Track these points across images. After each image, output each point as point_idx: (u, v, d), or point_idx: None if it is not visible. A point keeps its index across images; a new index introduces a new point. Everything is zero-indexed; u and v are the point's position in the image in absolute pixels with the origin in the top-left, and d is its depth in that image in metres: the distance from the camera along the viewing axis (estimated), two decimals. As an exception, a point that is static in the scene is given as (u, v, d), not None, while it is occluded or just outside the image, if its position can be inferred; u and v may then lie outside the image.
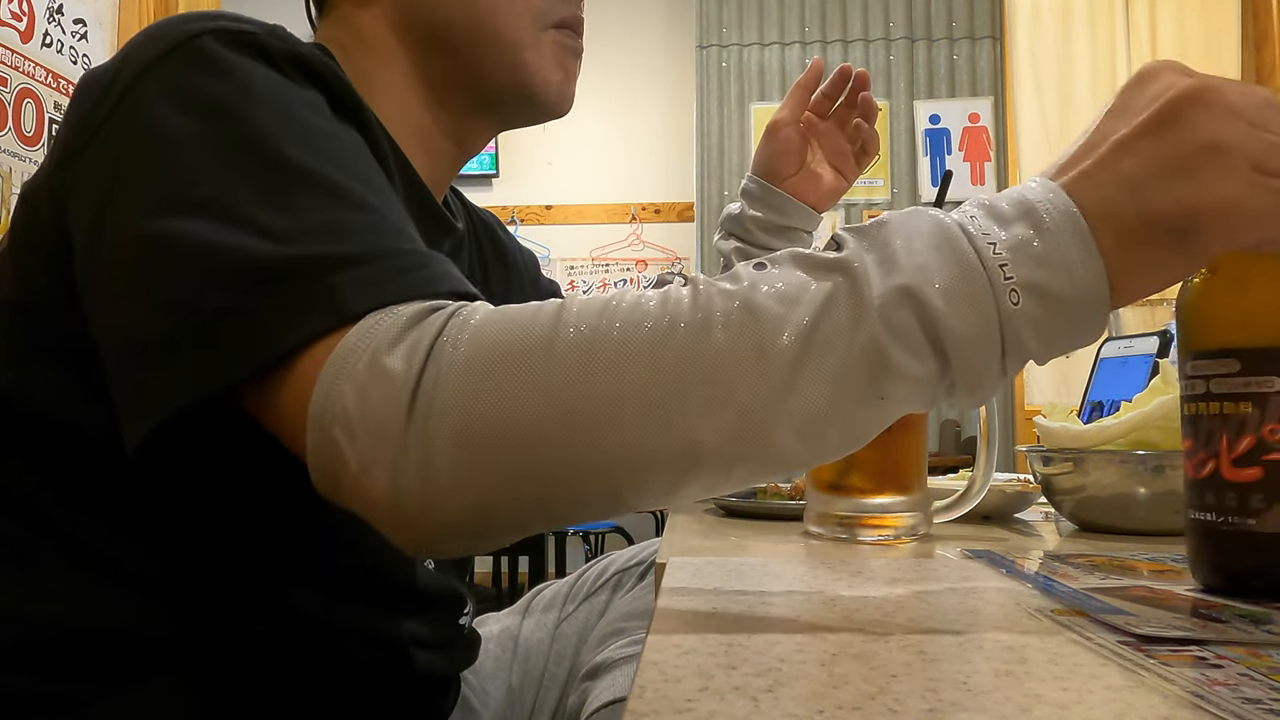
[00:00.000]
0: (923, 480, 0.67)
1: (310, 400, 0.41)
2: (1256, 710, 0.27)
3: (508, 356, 0.40)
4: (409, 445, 0.39)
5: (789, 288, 0.40)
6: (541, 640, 0.96)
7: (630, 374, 0.38)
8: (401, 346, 0.41)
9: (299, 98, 0.51)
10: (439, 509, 0.40)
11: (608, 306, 0.41)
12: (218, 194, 0.46)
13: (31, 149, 1.74)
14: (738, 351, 0.38)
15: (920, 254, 0.39)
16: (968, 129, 4.19)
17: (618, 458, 0.39)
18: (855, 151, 1.00)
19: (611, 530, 4.10)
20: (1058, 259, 0.39)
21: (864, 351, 0.38)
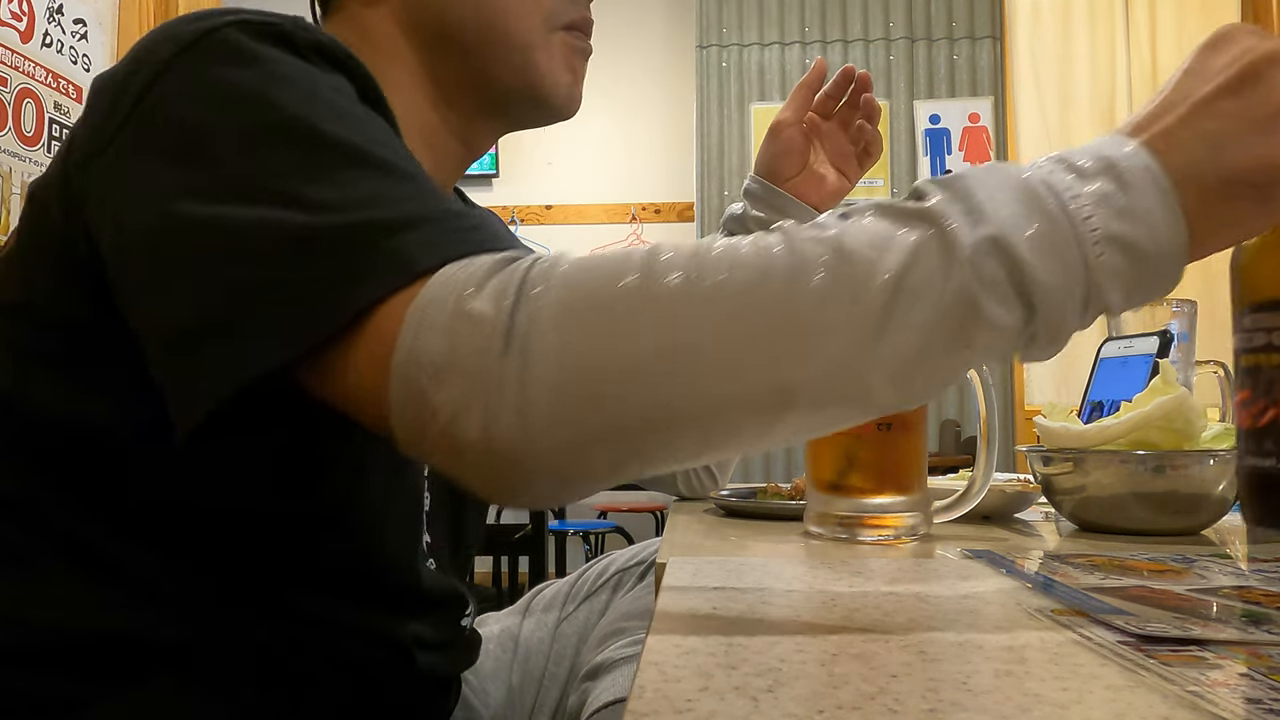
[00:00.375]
0: (923, 480, 0.67)
1: (393, 354, 0.41)
2: (1256, 710, 0.27)
3: (602, 300, 0.39)
4: (504, 388, 0.39)
5: (879, 236, 0.40)
6: (542, 640, 0.96)
7: (725, 318, 0.39)
8: (487, 291, 0.40)
9: (326, 82, 0.51)
10: (534, 453, 0.39)
11: (700, 252, 0.40)
12: (259, 176, 0.46)
13: (31, 149, 1.74)
14: (832, 297, 0.39)
15: (1005, 205, 0.40)
16: (968, 129, 4.20)
17: (712, 400, 0.39)
18: (858, 153, 1.00)
19: (611, 530, 4.10)
20: (1140, 213, 0.40)
21: (954, 300, 0.39)
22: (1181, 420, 0.67)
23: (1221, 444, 0.69)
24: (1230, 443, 0.69)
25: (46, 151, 1.79)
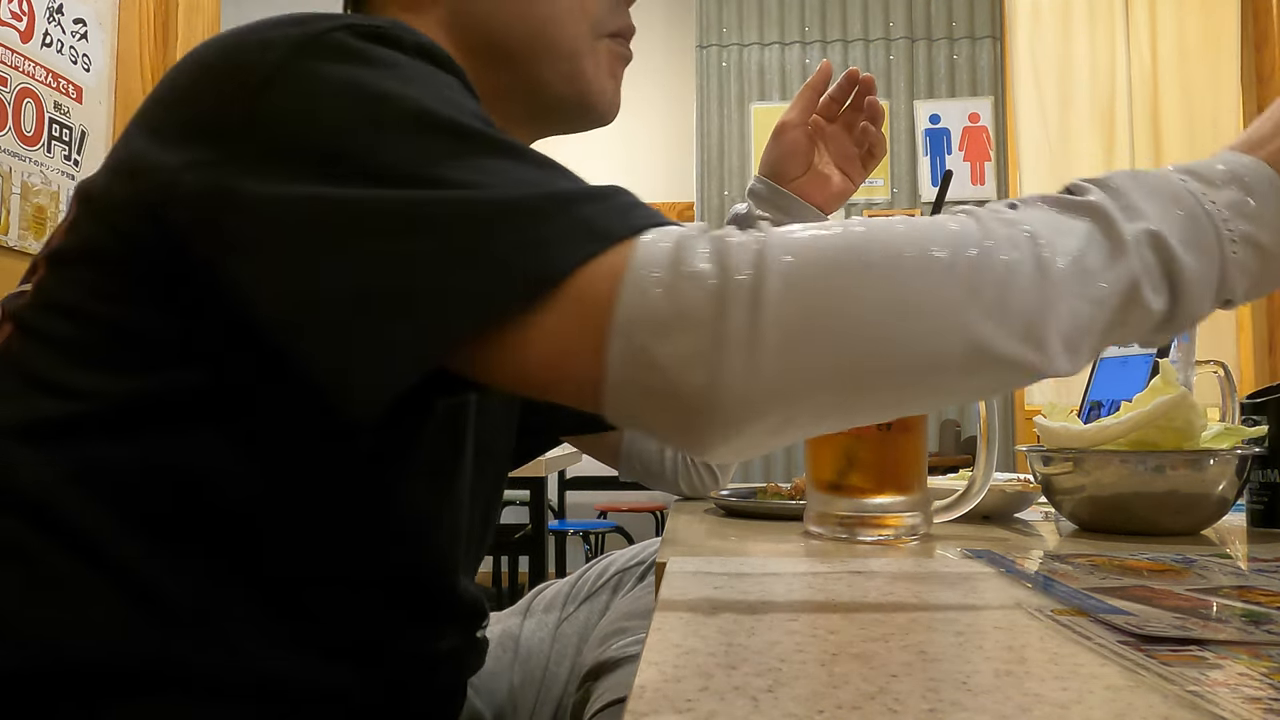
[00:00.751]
0: (923, 480, 0.67)
1: (611, 313, 0.42)
2: (1256, 710, 0.27)
3: (825, 262, 0.43)
4: (733, 338, 0.41)
5: (1057, 222, 0.45)
6: (542, 640, 0.96)
7: (933, 284, 0.43)
8: (702, 252, 0.43)
9: (443, 80, 0.52)
10: (756, 399, 0.42)
11: (909, 226, 0.44)
12: (412, 162, 0.46)
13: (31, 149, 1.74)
14: (1024, 269, 0.43)
15: (1155, 205, 0.46)
16: (968, 129, 4.19)
17: (920, 356, 0.43)
18: (862, 154, 1.00)
19: (611, 530, 4.10)
20: (1266, 217, 0.48)
21: (1120, 281, 0.44)
22: (1181, 420, 0.67)
23: (1221, 444, 0.69)
24: (1230, 442, 0.69)
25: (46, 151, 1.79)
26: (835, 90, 0.99)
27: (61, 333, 0.55)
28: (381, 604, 0.61)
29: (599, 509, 4.33)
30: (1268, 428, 0.71)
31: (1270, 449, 0.71)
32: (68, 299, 0.55)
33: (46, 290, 0.56)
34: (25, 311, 0.57)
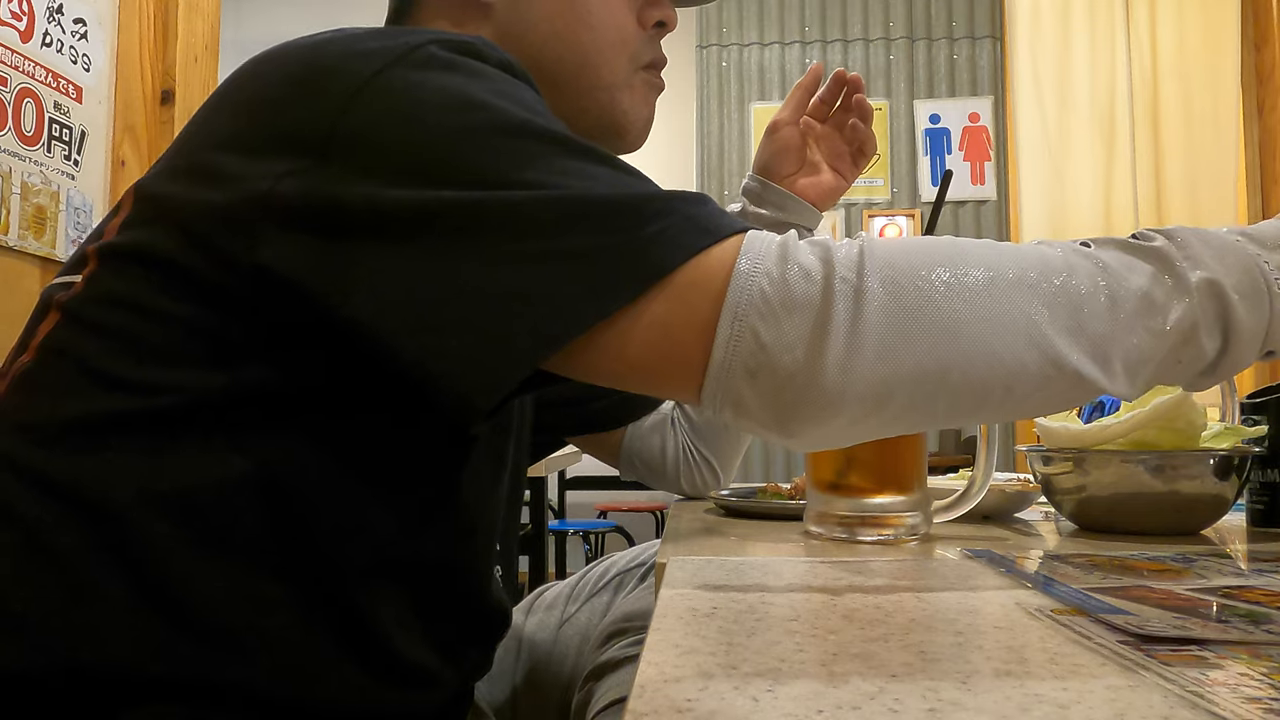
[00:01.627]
0: (923, 480, 0.67)
1: (723, 298, 0.46)
2: (1256, 710, 0.27)
3: (920, 270, 0.46)
4: (836, 327, 0.44)
5: (1127, 262, 0.49)
6: (544, 641, 0.96)
7: (1022, 301, 0.46)
8: (808, 250, 0.47)
9: (529, 95, 0.54)
10: (849, 385, 0.45)
11: (999, 247, 0.48)
12: (524, 163, 0.48)
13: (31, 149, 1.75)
14: (1099, 298, 0.47)
15: (1216, 258, 0.49)
16: (968, 129, 4.19)
17: (1003, 364, 0.46)
18: (852, 152, 1.01)
19: (611, 530, 4.10)
20: None
21: (1180, 320, 0.48)
22: (1182, 420, 0.67)
23: (1221, 444, 0.69)
24: (1230, 442, 0.69)
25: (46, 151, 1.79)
26: (824, 92, 1.00)
27: (118, 326, 0.54)
28: (417, 609, 0.60)
29: (599, 509, 4.33)
30: (1268, 428, 0.71)
31: (1270, 449, 0.71)
32: (127, 293, 0.54)
33: (100, 283, 0.56)
34: (75, 303, 0.56)
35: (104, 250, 0.56)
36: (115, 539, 0.51)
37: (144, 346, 0.53)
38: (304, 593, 0.54)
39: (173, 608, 0.51)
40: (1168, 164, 3.92)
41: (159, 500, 0.51)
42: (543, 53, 0.70)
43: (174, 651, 0.51)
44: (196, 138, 0.56)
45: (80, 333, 0.55)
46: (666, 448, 0.96)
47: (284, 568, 0.53)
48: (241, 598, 0.53)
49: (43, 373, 0.55)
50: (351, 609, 0.56)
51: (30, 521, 0.52)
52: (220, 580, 0.52)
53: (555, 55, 0.70)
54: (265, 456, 0.53)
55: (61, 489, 0.52)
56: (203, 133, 0.55)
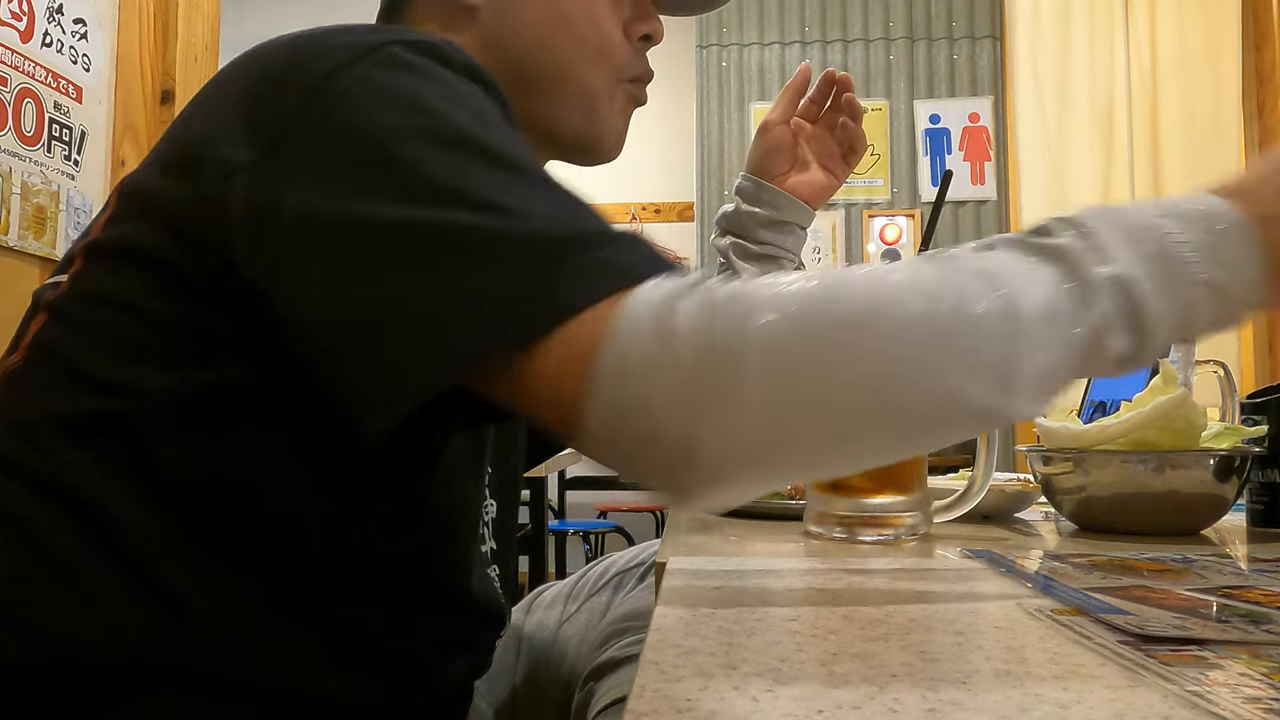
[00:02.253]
0: (923, 480, 0.67)
1: (597, 355, 0.43)
2: (1256, 710, 0.27)
3: (805, 323, 0.43)
4: (716, 390, 0.42)
5: (1027, 269, 0.45)
6: (544, 640, 0.96)
7: (910, 343, 0.43)
8: (693, 305, 0.43)
9: (488, 105, 0.53)
10: (732, 455, 0.43)
11: (885, 283, 0.44)
12: (447, 179, 0.47)
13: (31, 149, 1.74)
14: (994, 320, 0.43)
15: (1122, 247, 0.46)
16: (968, 129, 4.19)
17: (896, 414, 0.43)
18: (844, 151, 1.02)
19: (611, 530, 4.10)
20: (1228, 261, 0.47)
21: (1086, 328, 0.45)
22: (1181, 420, 0.67)
23: (1221, 444, 0.69)
24: (1230, 442, 0.69)
25: (46, 151, 1.79)
26: (815, 93, 1.01)
27: (105, 324, 0.54)
28: (404, 607, 0.60)
29: (599, 509, 4.33)
30: (1268, 428, 0.71)
31: (1270, 449, 0.71)
32: (111, 290, 0.55)
33: (86, 281, 0.56)
34: (62, 302, 0.56)
35: (90, 248, 0.57)
36: (109, 537, 0.51)
37: (127, 345, 0.53)
38: (290, 590, 0.55)
39: (171, 602, 0.52)
40: (1167, 164, 3.92)
41: (148, 498, 0.52)
42: (525, 59, 0.70)
43: (175, 644, 0.52)
44: (179, 133, 0.56)
45: (66, 331, 0.55)
46: None
47: (269, 565, 0.54)
48: (235, 593, 0.53)
49: (33, 372, 0.55)
50: (335, 607, 0.56)
51: (24, 520, 0.52)
52: (213, 576, 0.53)
53: (537, 62, 0.70)
54: (245, 457, 0.53)
55: (53, 488, 0.52)
56: (185, 128, 0.56)
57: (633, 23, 0.74)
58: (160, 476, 0.52)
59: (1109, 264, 0.45)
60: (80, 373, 0.54)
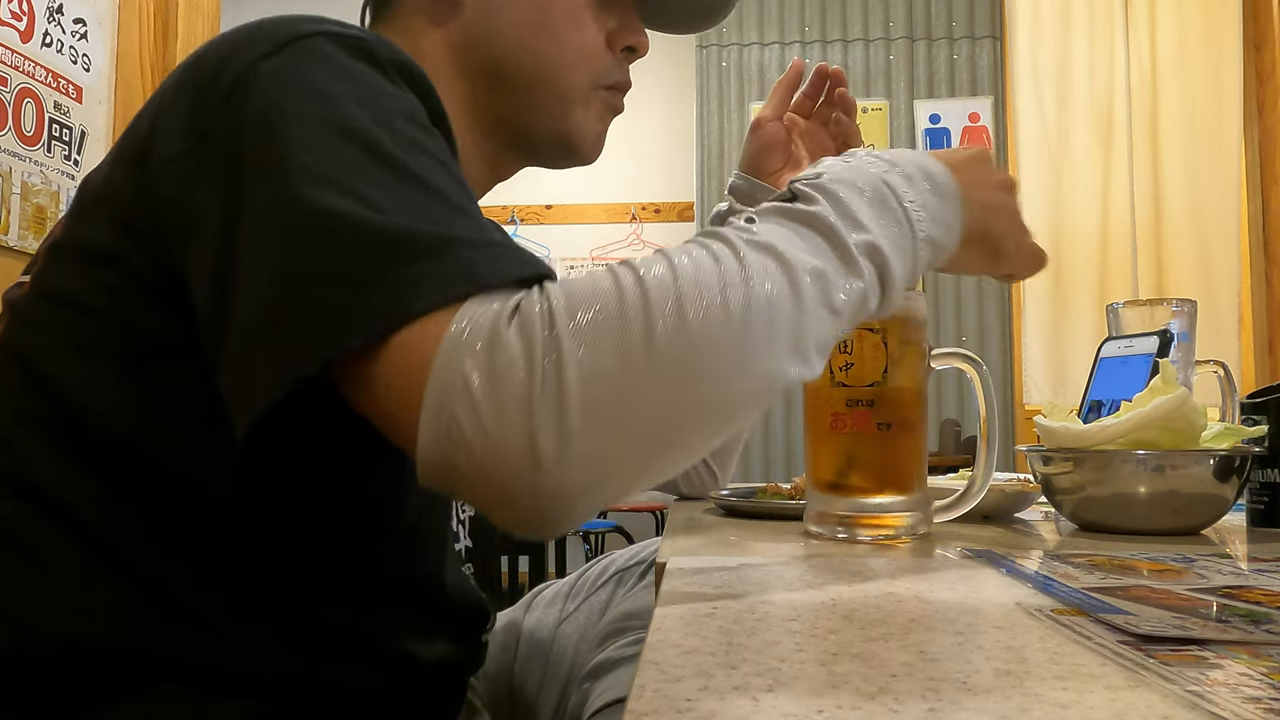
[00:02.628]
0: (923, 480, 0.67)
1: (427, 380, 0.42)
2: (1256, 710, 0.27)
3: (608, 323, 0.43)
4: (539, 408, 0.41)
5: (796, 239, 0.48)
6: (543, 639, 0.96)
7: (716, 338, 0.43)
8: (514, 325, 0.43)
9: (402, 105, 0.52)
10: (566, 471, 0.42)
11: (679, 278, 0.44)
12: (329, 170, 0.46)
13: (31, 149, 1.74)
14: (783, 296, 0.45)
15: (866, 211, 0.50)
16: (968, 129, 4.19)
17: (716, 406, 0.45)
18: (838, 146, 1.01)
19: (611, 530, 4.10)
20: (947, 221, 0.55)
21: (854, 292, 0.49)
22: (1182, 420, 0.67)
23: (1221, 444, 0.69)
24: (1230, 442, 0.69)
25: (46, 151, 1.79)
26: (808, 88, 1.01)
27: (59, 322, 0.55)
28: (373, 602, 0.61)
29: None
30: (1268, 428, 0.71)
31: (1270, 449, 0.71)
32: (64, 288, 0.56)
33: (45, 280, 0.57)
34: (22, 301, 0.58)
35: (51, 248, 0.58)
36: (78, 530, 0.53)
37: (81, 342, 0.54)
38: (260, 581, 0.56)
39: (145, 593, 0.53)
40: (1167, 164, 3.92)
41: (114, 493, 0.53)
42: (505, 58, 0.71)
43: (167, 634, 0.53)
44: (133, 130, 0.57)
45: (25, 330, 0.57)
46: None
47: (232, 559, 0.55)
48: (209, 585, 0.54)
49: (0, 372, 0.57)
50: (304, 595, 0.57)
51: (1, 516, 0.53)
52: (187, 569, 0.54)
53: (516, 62, 0.71)
54: (202, 454, 0.54)
55: (24, 483, 0.53)
56: (138, 125, 0.56)
57: (618, 33, 0.74)
58: (121, 470, 0.53)
59: (862, 231, 0.49)
60: (37, 371, 0.55)
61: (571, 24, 0.71)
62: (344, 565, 0.59)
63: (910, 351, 0.65)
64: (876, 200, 0.51)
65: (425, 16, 0.71)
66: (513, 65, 0.71)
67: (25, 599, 0.52)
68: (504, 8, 0.70)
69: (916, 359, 0.66)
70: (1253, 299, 3.77)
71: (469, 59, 0.71)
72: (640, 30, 0.76)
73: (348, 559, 0.59)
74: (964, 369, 0.67)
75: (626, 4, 0.75)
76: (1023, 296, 4.06)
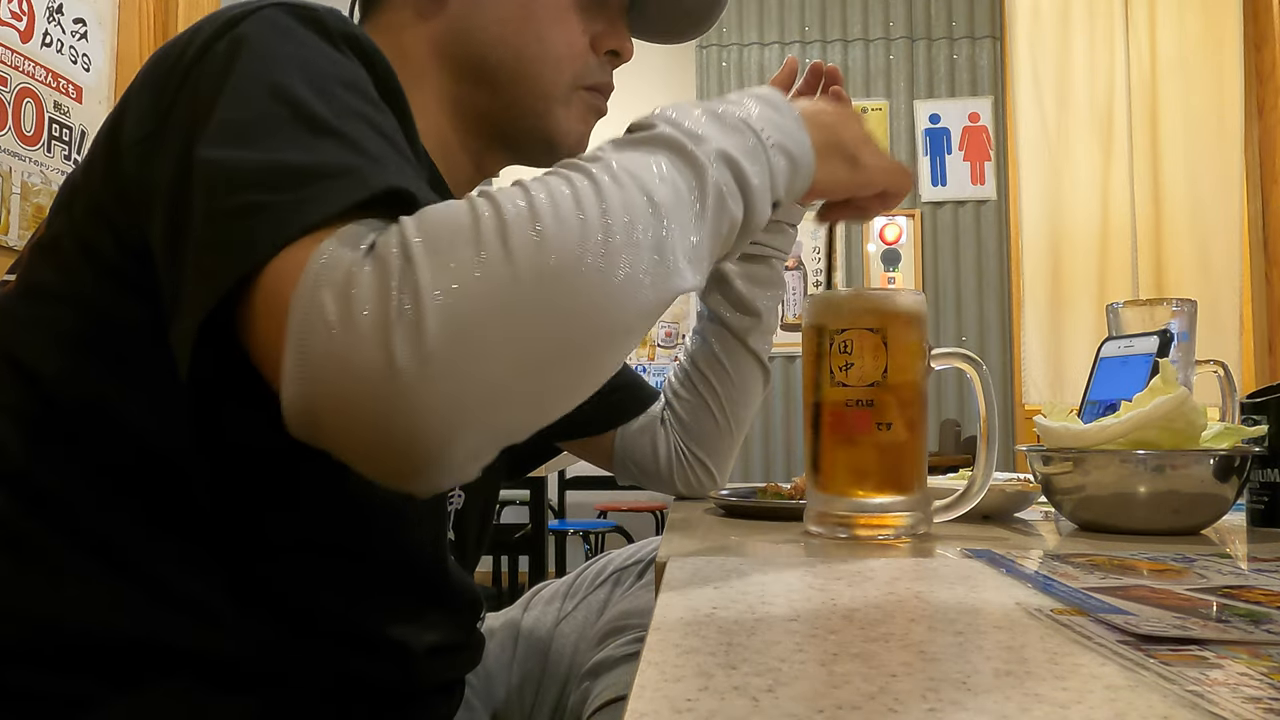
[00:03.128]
0: (923, 480, 0.67)
1: (287, 317, 0.41)
2: (1256, 710, 0.27)
3: (464, 246, 0.41)
4: (395, 329, 0.39)
5: (645, 161, 0.48)
6: (541, 638, 0.96)
7: (569, 244, 0.43)
8: (371, 257, 0.41)
9: (345, 72, 0.53)
10: (431, 387, 0.40)
11: (538, 212, 0.43)
12: (253, 128, 0.47)
13: (31, 149, 1.74)
14: (642, 216, 0.46)
15: (708, 127, 0.52)
16: (968, 128, 4.20)
17: (582, 319, 0.43)
18: None
19: (611, 530, 4.10)
20: (790, 129, 0.57)
21: (710, 199, 0.50)
22: (1182, 420, 0.67)
23: (1221, 444, 0.69)
24: (1230, 442, 0.69)
25: (46, 151, 1.79)
26: (802, 85, 1.00)
27: (39, 317, 0.56)
28: (366, 589, 0.62)
29: (599, 509, 4.33)
30: (1268, 428, 0.71)
31: (1270, 449, 0.71)
32: (47, 284, 0.57)
33: (28, 277, 0.58)
34: (6, 298, 0.59)
35: (34, 246, 0.59)
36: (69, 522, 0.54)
37: (61, 336, 0.55)
38: (251, 568, 0.56)
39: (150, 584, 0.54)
40: (1167, 163, 3.92)
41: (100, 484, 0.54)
42: (488, 54, 0.71)
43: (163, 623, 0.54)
44: (107, 125, 0.57)
45: (9, 327, 0.57)
46: (659, 450, 0.96)
47: (227, 544, 0.55)
48: (203, 573, 0.55)
49: None
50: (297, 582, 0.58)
51: None
52: (179, 557, 0.54)
53: (498, 59, 0.71)
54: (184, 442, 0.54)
55: (11, 477, 0.54)
56: (111, 120, 0.57)
57: (602, 36, 0.75)
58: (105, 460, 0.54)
59: (705, 143, 0.50)
60: (19, 365, 0.56)
61: (555, 22, 0.72)
62: (335, 549, 0.60)
63: (910, 351, 0.65)
64: (713, 118, 0.52)
65: (411, 12, 0.72)
66: (495, 61, 0.71)
67: (19, 592, 0.53)
68: (488, 4, 0.71)
69: (916, 359, 0.66)
70: (1253, 299, 3.77)
71: (453, 55, 0.71)
72: (625, 35, 0.77)
73: (338, 543, 0.60)
74: (964, 369, 0.67)
75: (613, 9, 0.75)
76: (1022, 296, 4.07)
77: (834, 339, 0.65)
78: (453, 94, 0.72)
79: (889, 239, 4.24)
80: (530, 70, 0.72)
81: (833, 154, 0.61)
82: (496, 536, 2.86)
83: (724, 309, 0.94)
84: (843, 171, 0.62)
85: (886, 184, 0.66)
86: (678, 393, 0.96)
